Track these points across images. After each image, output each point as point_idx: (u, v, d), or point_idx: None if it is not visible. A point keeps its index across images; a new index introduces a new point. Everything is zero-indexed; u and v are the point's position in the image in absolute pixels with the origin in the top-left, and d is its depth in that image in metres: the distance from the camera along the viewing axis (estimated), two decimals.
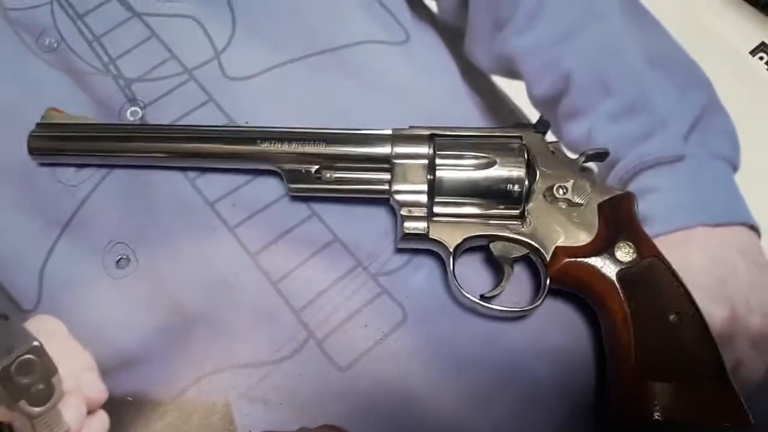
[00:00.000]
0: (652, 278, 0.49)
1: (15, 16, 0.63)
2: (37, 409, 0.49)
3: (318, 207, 0.57)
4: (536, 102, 0.61)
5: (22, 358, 0.50)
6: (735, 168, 0.59)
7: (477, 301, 0.52)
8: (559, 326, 0.54)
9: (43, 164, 0.58)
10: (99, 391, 0.51)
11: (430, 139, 0.53)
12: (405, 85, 0.62)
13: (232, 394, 0.51)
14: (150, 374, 0.52)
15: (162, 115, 0.60)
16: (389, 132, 0.54)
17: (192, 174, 0.58)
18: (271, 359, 0.52)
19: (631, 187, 0.57)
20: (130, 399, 0.51)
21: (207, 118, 0.60)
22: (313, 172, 0.54)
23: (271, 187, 0.57)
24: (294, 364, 0.52)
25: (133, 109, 0.60)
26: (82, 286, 0.54)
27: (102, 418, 0.51)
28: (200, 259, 0.55)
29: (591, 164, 0.58)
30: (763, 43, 0.64)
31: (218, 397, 0.51)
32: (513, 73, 0.62)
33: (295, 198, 0.57)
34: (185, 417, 0.51)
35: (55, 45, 0.62)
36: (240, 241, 0.56)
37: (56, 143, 0.56)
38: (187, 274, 0.55)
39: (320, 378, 0.52)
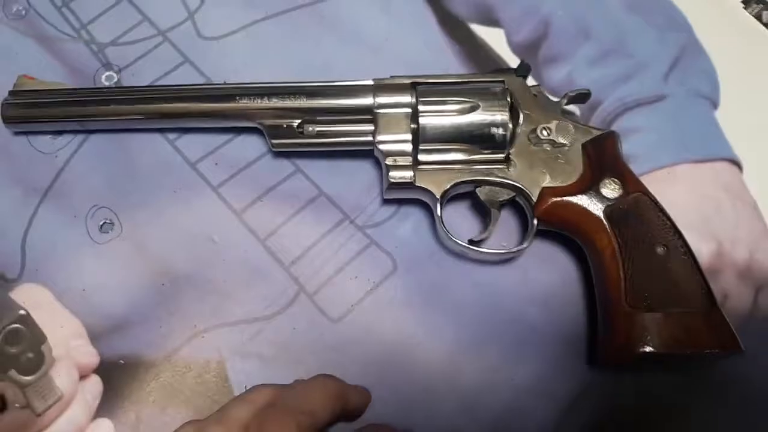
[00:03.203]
0: (639, 213, 0.50)
1: None
2: (27, 378, 0.48)
3: (302, 163, 0.56)
4: (516, 48, 0.61)
5: (9, 327, 0.49)
6: (715, 105, 0.59)
7: (466, 245, 0.52)
8: (548, 268, 0.54)
9: (18, 133, 0.56)
10: (90, 356, 0.50)
11: (412, 87, 0.53)
12: (384, 37, 0.61)
13: (225, 351, 0.51)
14: (141, 336, 0.51)
15: (138, 79, 0.59)
16: (370, 82, 0.53)
17: (172, 135, 0.57)
18: (263, 315, 0.52)
19: (614, 128, 0.57)
20: (123, 362, 0.51)
21: (184, 79, 0.59)
22: (295, 126, 0.53)
23: (253, 145, 0.57)
24: (286, 319, 0.52)
25: (108, 73, 0.59)
26: (66, 253, 0.53)
27: (95, 382, 0.50)
28: (185, 220, 0.54)
29: (573, 107, 0.58)
30: None
31: (211, 354, 0.51)
32: (492, 21, 0.62)
33: (278, 154, 0.56)
34: (179, 376, 0.50)
35: (23, 12, 0.61)
36: (224, 200, 0.55)
37: (31, 110, 0.55)
38: (172, 235, 0.54)
39: (313, 330, 0.52)
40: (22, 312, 0.49)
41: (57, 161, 0.56)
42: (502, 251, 0.52)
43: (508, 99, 0.52)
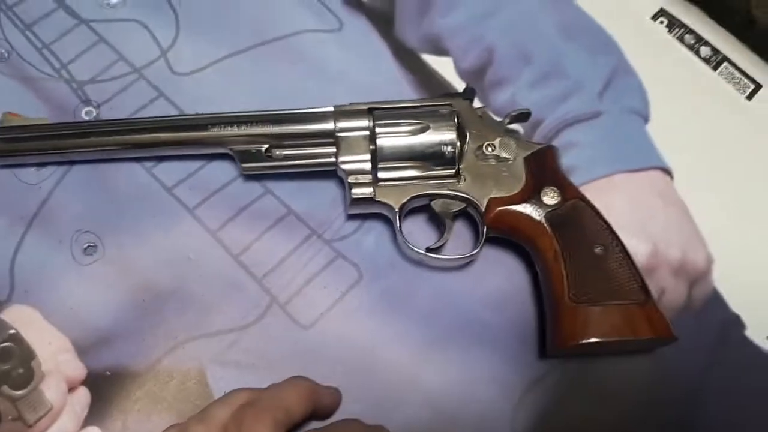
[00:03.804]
0: (577, 217, 0.55)
1: None
2: (19, 392, 0.52)
3: (271, 184, 0.61)
4: (463, 75, 0.67)
5: (1, 346, 0.53)
6: (646, 119, 0.65)
7: (423, 253, 0.57)
8: (500, 272, 0.59)
9: (3, 166, 0.60)
10: (77, 369, 0.54)
11: (369, 112, 0.58)
12: (342, 69, 0.66)
13: (205, 360, 0.55)
14: (126, 349, 0.55)
15: (116, 113, 0.63)
16: (331, 109, 0.58)
17: (149, 163, 0.61)
18: (239, 325, 0.56)
19: (555, 143, 0.62)
20: (109, 373, 0.54)
21: (159, 112, 0.63)
22: (263, 151, 0.58)
23: (225, 169, 0.61)
24: (261, 327, 0.56)
25: (87, 109, 0.63)
26: (52, 275, 0.57)
27: (83, 394, 0.53)
28: (164, 241, 0.58)
29: (516, 125, 0.63)
30: (662, 9, 0.71)
31: (192, 363, 0.55)
32: (441, 51, 0.68)
33: (248, 177, 0.61)
34: (162, 384, 0.54)
35: (6, 55, 0.65)
36: (200, 221, 0.59)
37: (17, 145, 0.58)
38: (153, 255, 0.58)
39: (286, 338, 0.56)
40: (12, 331, 0.53)
41: (42, 191, 0.60)
42: (457, 257, 0.57)
43: (455, 120, 0.57)
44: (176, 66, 0.66)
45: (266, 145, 0.58)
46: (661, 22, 0.71)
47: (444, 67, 0.67)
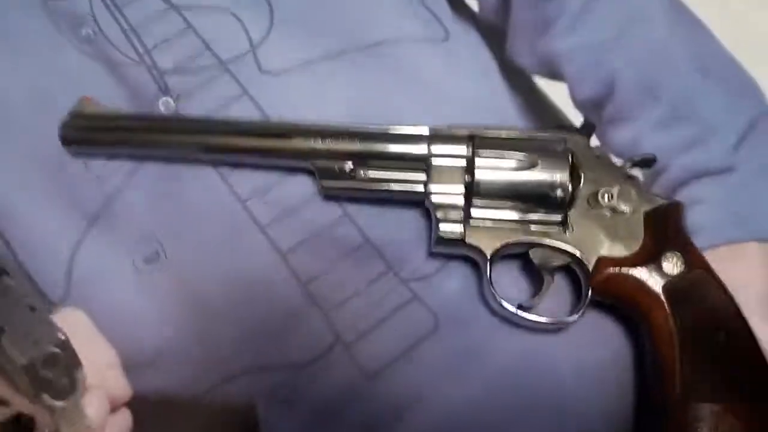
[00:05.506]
0: (701, 293, 0.47)
1: (54, 7, 0.62)
2: (59, 403, 0.48)
3: (350, 208, 0.54)
4: (579, 105, 0.59)
5: (48, 350, 0.49)
6: None
7: (514, 311, 0.50)
8: (599, 342, 0.51)
9: (76, 154, 0.57)
10: (123, 389, 0.49)
11: (469, 139, 0.52)
12: (443, 84, 0.59)
13: (257, 395, 0.50)
14: (174, 373, 0.51)
15: (195, 108, 0.58)
16: (426, 131, 0.52)
17: (224, 170, 0.56)
18: (298, 361, 0.51)
19: (677, 197, 0.54)
20: (154, 398, 0.50)
21: (241, 112, 0.57)
22: (347, 170, 0.52)
23: (303, 186, 0.55)
24: (321, 367, 0.50)
25: (164, 99, 0.59)
26: (108, 280, 0.53)
27: (125, 416, 0.49)
28: (230, 257, 0.53)
29: (636, 171, 0.55)
30: None
31: (243, 398, 0.50)
32: (556, 75, 0.60)
33: (327, 197, 0.54)
34: (207, 418, 0.50)
35: (93, 35, 0.62)
36: (270, 240, 0.54)
37: (89, 134, 0.55)
38: (215, 272, 0.53)
39: (347, 382, 0.50)
40: (61, 336, 0.49)
41: (110, 187, 0.56)
42: (552, 321, 0.50)
43: (570, 159, 0.50)
44: (265, 64, 0.60)
45: (350, 163, 0.52)
46: None
47: (559, 93, 0.59)
